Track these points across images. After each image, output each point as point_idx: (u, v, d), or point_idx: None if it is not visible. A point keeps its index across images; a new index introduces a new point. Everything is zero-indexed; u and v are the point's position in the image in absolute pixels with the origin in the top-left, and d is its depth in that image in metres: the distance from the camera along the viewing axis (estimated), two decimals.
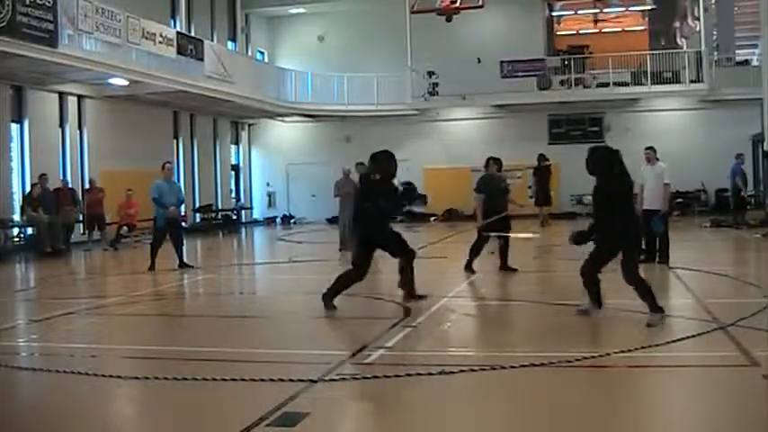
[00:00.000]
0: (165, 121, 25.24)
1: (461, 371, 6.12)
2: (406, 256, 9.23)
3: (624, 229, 7.87)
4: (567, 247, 8.82)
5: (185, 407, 5.56)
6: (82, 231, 20.13)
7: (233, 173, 30.21)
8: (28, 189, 18.48)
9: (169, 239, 14.08)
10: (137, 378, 6.29)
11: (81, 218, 19.84)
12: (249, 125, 30.85)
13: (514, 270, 12.07)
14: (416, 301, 9.14)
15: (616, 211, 7.85)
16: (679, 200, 24.15)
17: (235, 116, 29.04)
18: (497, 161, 12.46)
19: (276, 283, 13.59)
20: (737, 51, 30.60)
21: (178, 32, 21.54)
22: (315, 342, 7.61)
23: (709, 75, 26.14)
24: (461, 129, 29.06)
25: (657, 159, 12.79)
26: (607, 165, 7.94)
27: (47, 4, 15.77)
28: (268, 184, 30.99)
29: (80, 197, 19.81)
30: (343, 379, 5.97)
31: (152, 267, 13.82)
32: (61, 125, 20.52)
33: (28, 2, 15.23)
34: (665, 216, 12.59)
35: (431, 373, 6.00)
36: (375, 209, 8.95)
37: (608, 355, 6.47)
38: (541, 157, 23.97)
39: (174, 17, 24.66)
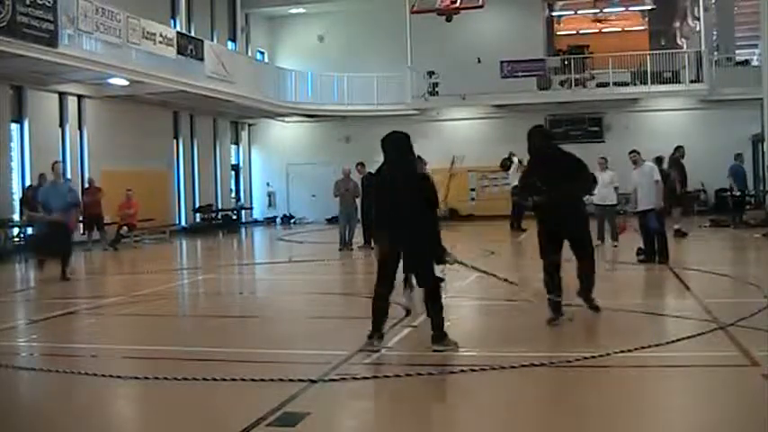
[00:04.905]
0: (165, 121, 25.25)
1: (461, 371, 6.12)
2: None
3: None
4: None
5: (185, 407, 5.56)
6: (82, 231, 20.10)
7: (233, 173, 30.22)
8: (26, 188, 18.41)
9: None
10: (137, 378, 6.29)
11: (81, 218, 19.80)
12: (249, 125, 30.84)
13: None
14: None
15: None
16: None
17: (235, 116, 29.04)
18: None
19: (276, 283, 13.59)
20: (737, 51, 30.60)
21: (178, 32, 21.55)
22: (315, 342, 7.60)
23: (709, 75, 26.13)
24: (461, 129, 29.04)
25: (644, 161, 13.25)
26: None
27: (47, 4, 15.78)
28: (268, 184, 30.98)
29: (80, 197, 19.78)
30: (343, 379, 5.97)
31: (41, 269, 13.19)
32: (61, 125, 20.52)
33: (28, 2, 15.24)
34: (659, 213, 12.65)
35: (431, 373, 6.00)
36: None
37: (608, 355, 6.46)
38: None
39: (174, 17, 24.68)
